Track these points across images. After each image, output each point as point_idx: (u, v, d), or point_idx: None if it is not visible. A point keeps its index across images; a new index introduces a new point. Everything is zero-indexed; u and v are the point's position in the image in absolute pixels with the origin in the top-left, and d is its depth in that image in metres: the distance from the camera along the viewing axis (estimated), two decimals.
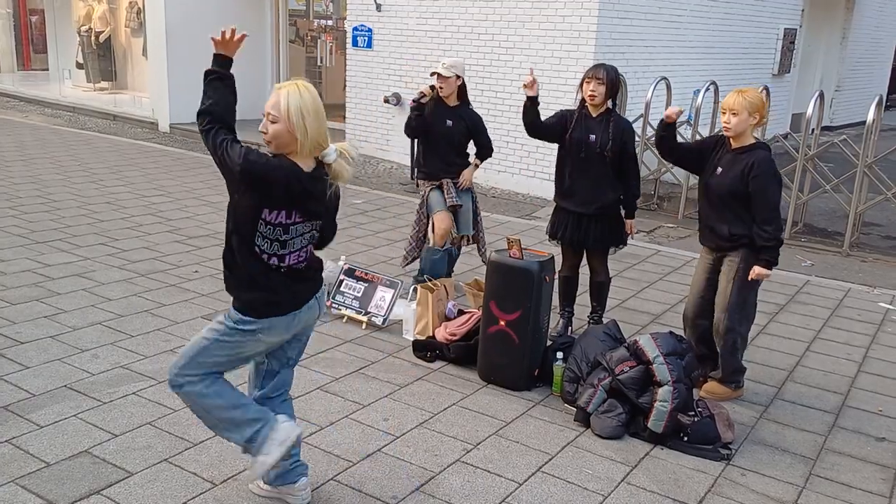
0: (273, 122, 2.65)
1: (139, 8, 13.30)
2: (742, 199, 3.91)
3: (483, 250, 5.70)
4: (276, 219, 2.69)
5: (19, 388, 3.86)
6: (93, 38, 14.04)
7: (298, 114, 2.62)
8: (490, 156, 5.48)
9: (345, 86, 10.82)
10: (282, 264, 2.76)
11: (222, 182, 2.75)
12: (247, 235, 2.70)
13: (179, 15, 11.34)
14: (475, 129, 5.38)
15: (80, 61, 14.50)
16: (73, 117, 12.88)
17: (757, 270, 3.93)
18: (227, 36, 2.73)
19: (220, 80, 2.75)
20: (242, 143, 2.69)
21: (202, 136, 2.71)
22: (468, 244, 5.66)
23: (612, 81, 4.49)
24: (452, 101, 5.29)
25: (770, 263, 3.93)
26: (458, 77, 5.21)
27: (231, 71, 2.77)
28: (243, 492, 3.15)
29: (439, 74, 5.15)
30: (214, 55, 2.76)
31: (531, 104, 4.52)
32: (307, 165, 2.72)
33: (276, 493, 3.07)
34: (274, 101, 2.65)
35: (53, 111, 13.34)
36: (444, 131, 5.28)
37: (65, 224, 6.71)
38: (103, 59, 14.30)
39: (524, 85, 4.49)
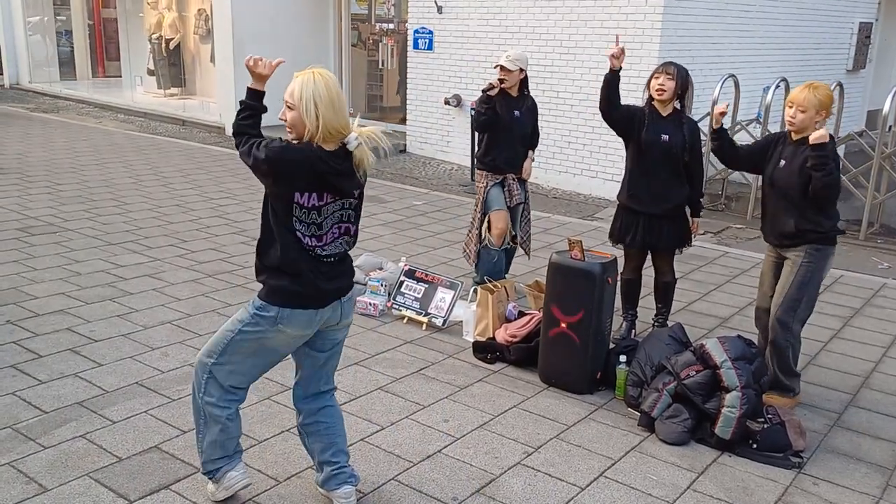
0: (290, 109, 2.71)
1: (207, 15, 13.67)
2: (806, 189, 3.78)
3: (527, 243, 5.59)
4: (309, 202, 2.73)
5: (93, 384, 3.99)
6: (163, 45, 14.47)
7: (311, 101, 2.65)
8: (537, 144, 5.47)
9: (397, 89, 10.88)
10: (320, 251, 2.79)
11: None
12: (284, 220, 2.74)
13: (246, 21, 11.60)
14: (536, 116, 5.37)
15: (152, 68, 14.97)
16: (144, 122, 13.30)
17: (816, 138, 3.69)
18: (250, 64, 2.80)
19: (252, 117, 2.85)
20: (265, 138, 2.78)
21: (240, 151, 2.81)
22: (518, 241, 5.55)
23: (683, 79, 4.40)
24: (514, 93, 5.22)
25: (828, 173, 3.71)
26: (521, 70, 5.16)
27: (264, 102, 2.87)
28: (307, 490, 3.19)
29: (503, 67, 5.07)
30: (248, 89, 2.86)
31: (612, 77, 4.39)
32: (330, 149, 2.75)
33: (325, 494, 3.11)
34: (290, 89, 2.71)
35: (126, 117, 13.80)
36: (514, 122, 5.18)
37: (136, 226, 6.94)
38: (173, 65, 14.74)
39: (611, 55, 4.33)
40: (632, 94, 8.24)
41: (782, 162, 3.90)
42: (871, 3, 11.80)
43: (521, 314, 4.79)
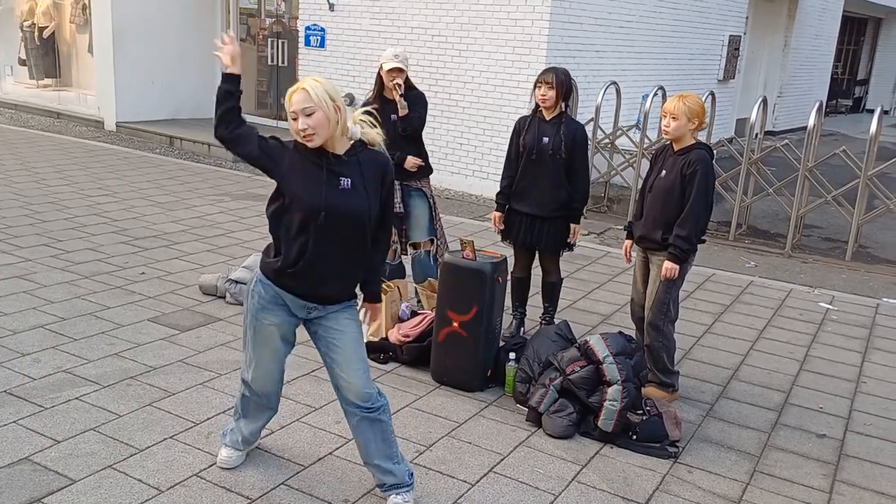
0: (310, 115, 2.75)
1: (85, 3, 12.97)
2: (679, 198, 3.98)
3: (440, 254, 5.47)
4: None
5: None
6: (36, 33, 13.63)
7: (327, 97, 2.75)
8: (413, 125, 4.90)
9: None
10: None
11: (170, 182, 2.77)
12: None
13: (127, 11, 11.10)
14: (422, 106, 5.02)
15: (23, 57, 14.08)
16: (14, 115, 12.51)
17: (666, 265, 4.02)
18: (225, 43, 2.90)
19: (235, 102, 2.95)
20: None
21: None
22: (433, 248, 5.19)
23: (563, 84, 4.52)
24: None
25: (677, 258, 4.00)
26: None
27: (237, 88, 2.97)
28: (190, 499, 3.09)
29: (399, 69, 4.81)
30: (224, 74, 2.91)
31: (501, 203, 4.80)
32: (343, 147, 2.85)
33: None
34: (301, 97, 2.76)
35: None
36: (393, 123, 4.79)
37: (5, 224, 6.51)
38: (47, 55, 13.90)
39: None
40: (520, 99, 8.46)
41: (663, 172, 4.10)
42: (739, 18, 12.60)
43: (414, 314, 4.82)
